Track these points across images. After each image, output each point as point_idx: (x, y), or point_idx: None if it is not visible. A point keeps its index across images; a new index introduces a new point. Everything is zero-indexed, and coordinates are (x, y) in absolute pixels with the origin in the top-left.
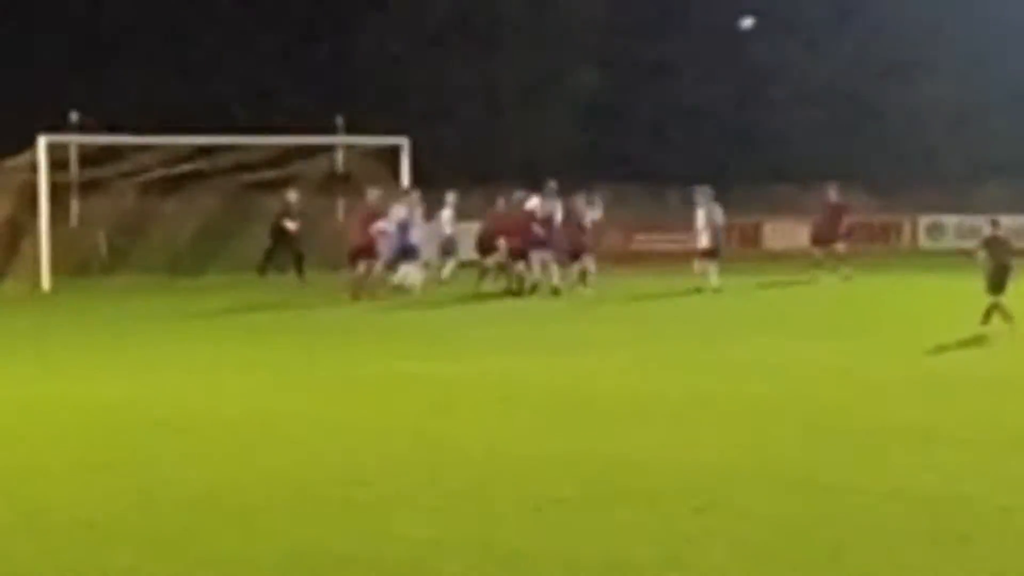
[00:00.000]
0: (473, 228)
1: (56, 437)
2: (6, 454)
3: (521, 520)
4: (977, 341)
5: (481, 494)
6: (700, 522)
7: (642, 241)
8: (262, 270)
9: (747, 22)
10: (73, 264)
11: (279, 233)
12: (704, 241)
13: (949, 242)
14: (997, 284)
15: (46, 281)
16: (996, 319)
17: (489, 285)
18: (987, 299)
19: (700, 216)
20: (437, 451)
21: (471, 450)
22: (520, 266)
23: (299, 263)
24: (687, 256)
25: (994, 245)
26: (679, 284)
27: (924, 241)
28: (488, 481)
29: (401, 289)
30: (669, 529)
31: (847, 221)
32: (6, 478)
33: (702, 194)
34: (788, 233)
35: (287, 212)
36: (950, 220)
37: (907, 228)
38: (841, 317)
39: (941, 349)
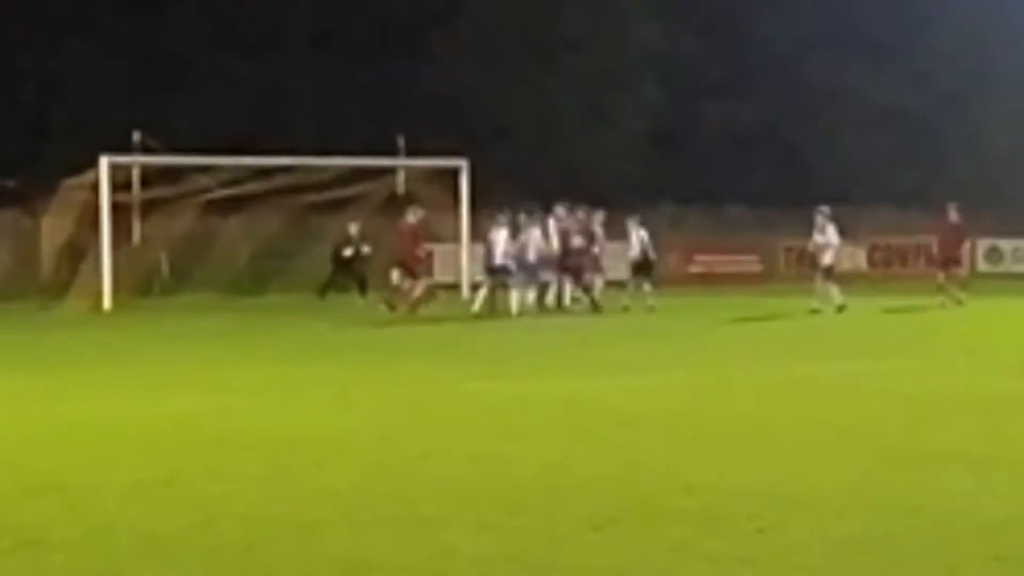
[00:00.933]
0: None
1: (119, 454)
2: (71, 470)
3: (580, 538)
4: None
5: (539, 512)
6: (760, 543)
7: (702, 262)
8: (322, 293)
9: None
10: (134, 284)
11: (338, 260)
12: (827, 259)
13: (1007, 266)
14: None
15: (107, 300)
16: None
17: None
18: None
19: (827, 234)
20: (495, 468)
21: (530, 468)
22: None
23: (362, 286)
24: (746, 277)
25: None
26: (740, 304)
27: (982, 265)
28: (546, 499)
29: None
30: (728, 550)
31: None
32: (72, 494)
33: (821, 214)
34: (845, 256)
35: (347, 241)
36: (1007, 244)
37: (965, 252)
38: (899, 339)
39: (999, 372)
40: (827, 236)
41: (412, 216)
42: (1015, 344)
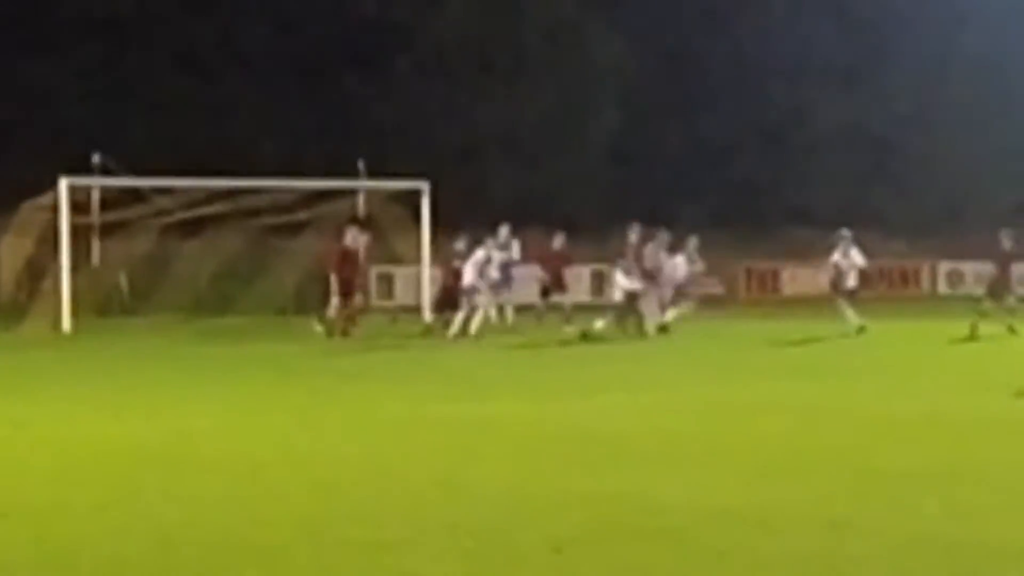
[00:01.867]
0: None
1: (79, 476)
2: (31, 493)
3: (541, 560)
4: (999, 385)
5: (501, 534)
6: (723, 565)
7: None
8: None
9: None
10: (94, 305)
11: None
12: (851, 281)
13: (968, 289)
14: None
15: (67, 322)
16: None
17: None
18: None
19: (851, 256)
20: (458, 492)
21: (492, 490)
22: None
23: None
24: (707, 299)
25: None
26: (703, 326)
27: (943, 287)
28: (509, 521)
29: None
30: (692, 571)
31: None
32: (31, 517)
33: (844, 238)
34: (806, 279)
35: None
36: (969, 267)
37: (926, 274)
38: (870, 360)
39: (962, 392)
40: (851, 258)
41: (349, 237)
42: (981, 365)
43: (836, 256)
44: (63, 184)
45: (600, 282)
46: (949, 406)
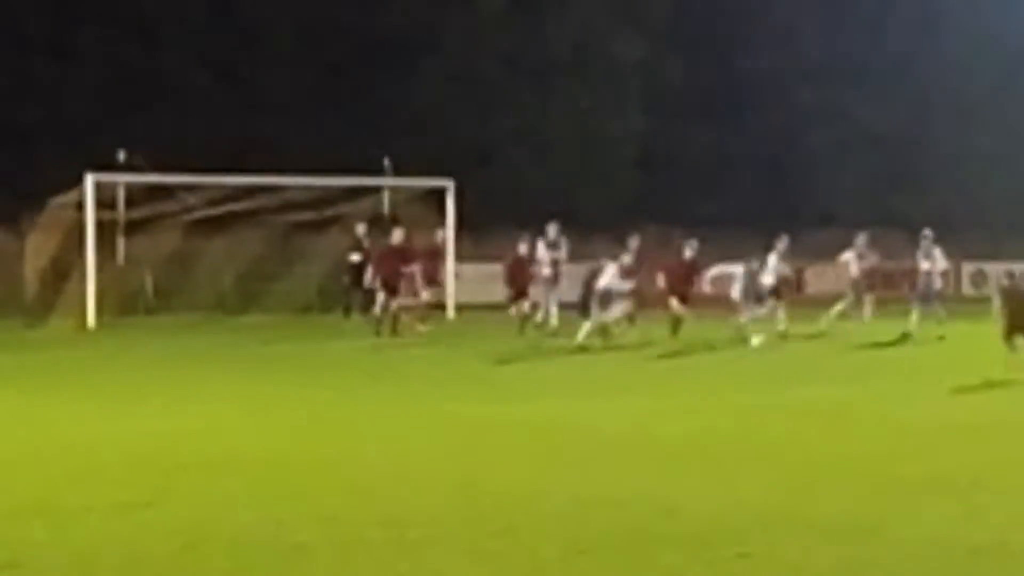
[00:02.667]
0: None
1: (104, 476)
2: (56, 493)
3: (565, 563)
4: (1019, 389)
5: (524, 536)
6: (743, 568)
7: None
8: (346, 312)
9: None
10: (119, 303)
11: (350, 269)
12: (938, 284)
13: (992, 290)
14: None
15: (92, 319)
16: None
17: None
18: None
19: (933, 257)
20: (481, 492)
21: (515, 492)
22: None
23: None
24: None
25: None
26: (726, 327)
27: (967, 288)
28: (532, 523)
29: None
30: (713, 575)
31: None
32: (57, 517)
33: (926, 239)
34: (830, 279)
35: (356, 245)
36: (993, 267)
37: (950, 275)
38: (883, 363)
39: (983, 397)
40: (933, 260)
41: (397, 236)
42: (995, 368)
43: (920, 258)
44: (89, 180)
45: None
46: (970, 410)
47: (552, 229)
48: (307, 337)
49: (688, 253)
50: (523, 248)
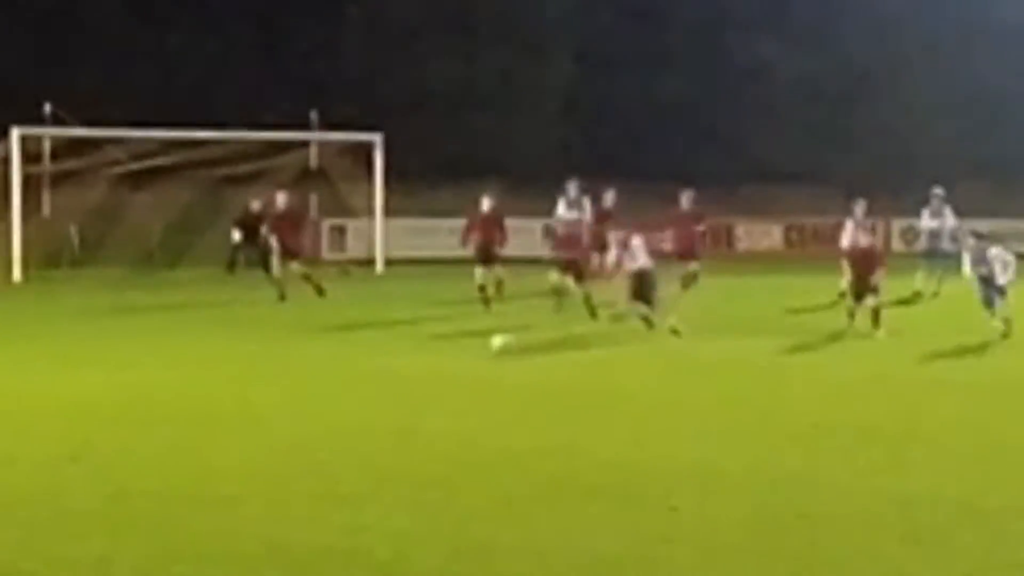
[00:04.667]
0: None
1: (30, 429)
2: None
3: (493, 514)
4: (959, 347)
5: (454, 488)
6: (675, 521)
7: (616, 239)
8: (230, 268)
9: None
10: (44, 256)
11: (245, 231)
12: (946, 244)
13: (922, 245)
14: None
15: (17, 272)
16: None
17: None
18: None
19: (944, 216)
20: (410, 445)
21: (444, 444)
22: None
23: (266, 262)
24: (660, 255)
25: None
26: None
27: (897, 244)
28: (461, 475)
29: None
30: (642, 527)
31: None
32: None
33: (937, 197)
34: (759, 234)
35: (254, 218)
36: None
37: (880, 231)
38: (823, 320)
39: (920, 353)
40: (943, 218)
41: (281, 200)
42: (936, 326)
43: (926, 217)
44: (14, 134)
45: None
46: (907, 365)
47: (572, 187)
48: (233, 291)
49: (685, 204)
50: (487, 204)
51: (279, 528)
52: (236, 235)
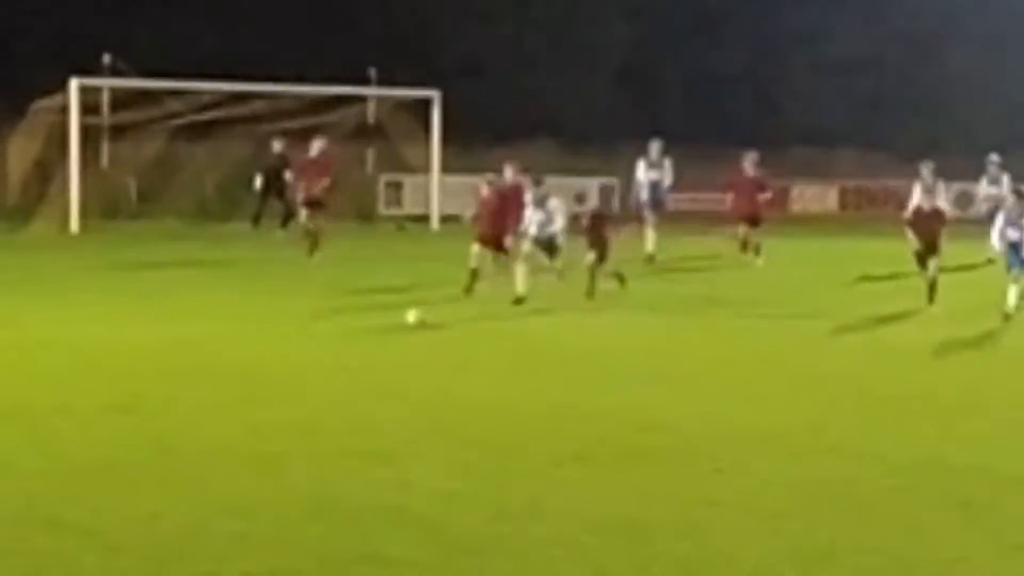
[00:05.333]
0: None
1: (81, 380)
2: (32, 395)
3: (539, 475)
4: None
5: (499, 448)
6: (720, 484)
7: (671, 200)
8: (255, 221)
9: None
10: (102, 207)
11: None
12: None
13: (980, 212)
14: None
15: (75, 223)
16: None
17: None
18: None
19: (1002, 184)
20: (455, 405)
21: (489, 404)
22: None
23: (286, 216)
24: (714, 216)
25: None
26: (706, 245)
27: (950, 211)
28: (506, 435)
29: None
30: (686, 490)
31: None
32: (33, 419)
33: (994, 163)
34: (814, 197)
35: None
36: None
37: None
38: (878, 289)
39: (971, 321)
40: (1000, 184)
41: (316, 147)
42: (985, 292)
43: (984, 184)
44: (73, 85)
45: (608, 195)
46: (957, 335)
47: (654, 148)
48: (288, 246)
49: (749, 167)
50: (509, 174)
51: (324, 485)
52: (259, 181)
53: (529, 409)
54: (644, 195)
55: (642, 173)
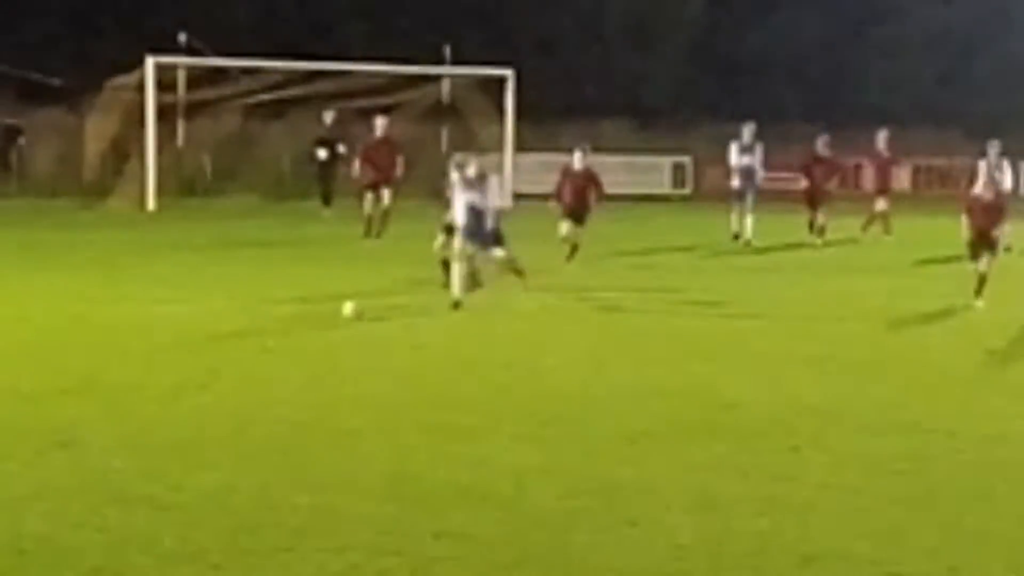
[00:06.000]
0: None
1: (157, 356)
2: (109, 371)
3: (616, 451)
4: None
5: (577, 424)
6: (795, 461)
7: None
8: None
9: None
10: (178, 185)
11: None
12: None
13: None
14: None
15: (151, 201)
16: None
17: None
18: None
19: (1004, 172)
20: (533, 381)
21: (565, 380)
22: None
23: (327, 194)
24: (791, 195)
25: None
26: (783, 223)
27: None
28: (584, 412)
29: None
30: (762, 467)
31: None
32: (110, 395)
33: (993, 148)
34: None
35: (326, 140)
36: None
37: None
38: (949, 269)
39: None
40: (1004, 176)
41: (380, 125)
42: None
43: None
44: (149, 63)
45: (681, 174)
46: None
47: (747, 131)
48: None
49: (821, 148)
50: (579, 161)
51: (399, 461)
52: (322, 153)
53: (605, 386)
54: (738, 181)
55: (735, 158)
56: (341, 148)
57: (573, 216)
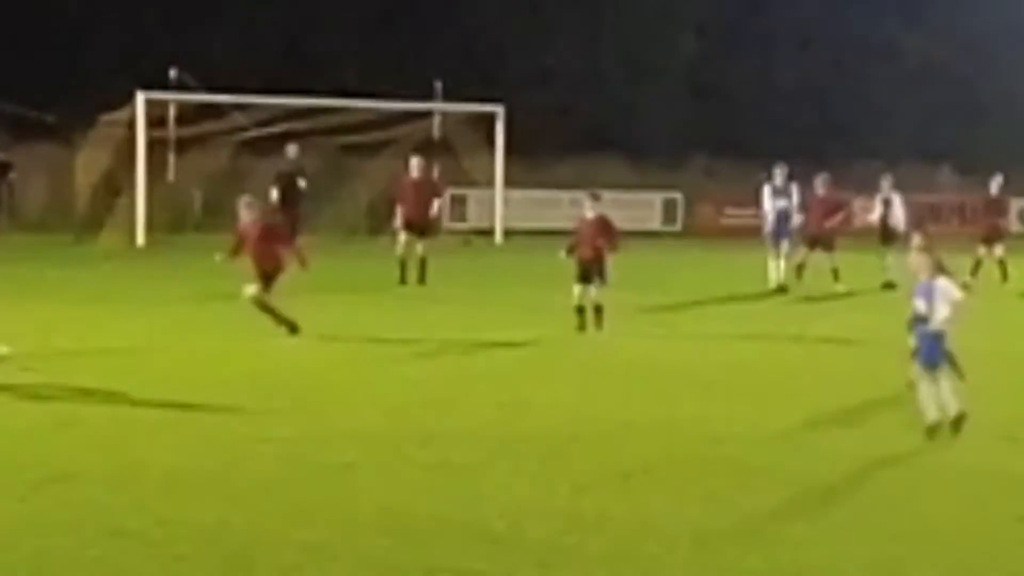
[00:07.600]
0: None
1: (148, 390)
2: (101, 405)
3: (609, 487)
4: None
5: (569, 459)
6: (786, 496)
7: (734, 215)
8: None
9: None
10: (168, 220)
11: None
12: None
13: None
14: None
15: (141, 236)
16: None
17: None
18: None
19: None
20: (525, 416)
21: (558, 416)
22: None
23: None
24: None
25: None
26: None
27: (1016, 225)
28: (576, 447)
29: None
30: (759, 502)
31: None
32: (102, 429)
33: (994, 180)
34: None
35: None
36: None
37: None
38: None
39: None
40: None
41: (415, 167)
42: None
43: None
44: (140, 98)
45: (672, 210)
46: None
47: (779, 174)
48: (354, 258)
49: (820, 188)
50: (589, 209)
51: (394, 496)
52: (274, 193)
53: (598, 420)
54: (771, 224)
55: (768, 201)
56: (302, 183)
57: (585, 275)
